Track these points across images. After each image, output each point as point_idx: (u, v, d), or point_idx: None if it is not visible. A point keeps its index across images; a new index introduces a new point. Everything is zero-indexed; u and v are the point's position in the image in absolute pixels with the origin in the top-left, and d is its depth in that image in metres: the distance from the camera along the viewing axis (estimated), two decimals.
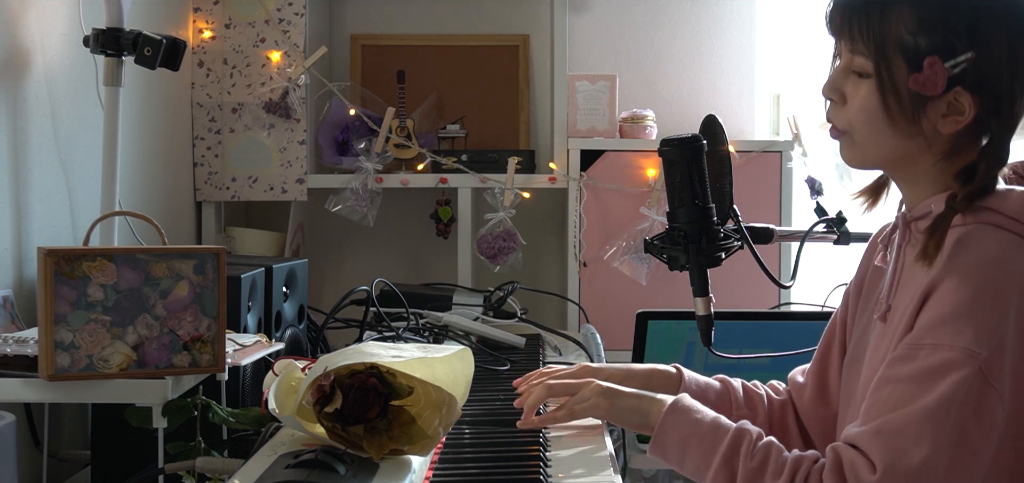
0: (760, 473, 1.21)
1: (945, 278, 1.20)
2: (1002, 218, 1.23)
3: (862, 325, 1.41)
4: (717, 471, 1.24)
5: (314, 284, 2.73)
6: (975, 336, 1.15)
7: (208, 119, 2.65)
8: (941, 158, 1.28)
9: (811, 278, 2.57)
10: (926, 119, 1.25)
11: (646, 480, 2.27)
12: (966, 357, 1.15)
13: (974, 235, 1.23)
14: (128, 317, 1.37)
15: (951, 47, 1.23)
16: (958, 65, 1.22)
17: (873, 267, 1.42)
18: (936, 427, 1.13)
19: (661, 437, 1.32)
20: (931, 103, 1.24)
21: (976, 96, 1.23)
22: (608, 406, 1.42)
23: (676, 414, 1.32)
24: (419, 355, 1.26)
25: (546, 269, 3.02)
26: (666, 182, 1.58)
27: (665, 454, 1.32)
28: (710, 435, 1.27)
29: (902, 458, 1.13)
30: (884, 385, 1.20)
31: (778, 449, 1.23)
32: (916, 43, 1.24)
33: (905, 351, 1.20)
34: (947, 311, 1.18)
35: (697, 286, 1.58)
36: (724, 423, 1.29)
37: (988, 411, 1.15)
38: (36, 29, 1.81)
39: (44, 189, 1.83)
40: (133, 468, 1.54)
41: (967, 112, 1.24)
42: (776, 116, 3.03)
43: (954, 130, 1.25)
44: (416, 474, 1.23)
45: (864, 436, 1.17)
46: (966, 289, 1.18)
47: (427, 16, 3.03)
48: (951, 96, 1.24)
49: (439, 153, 2.76)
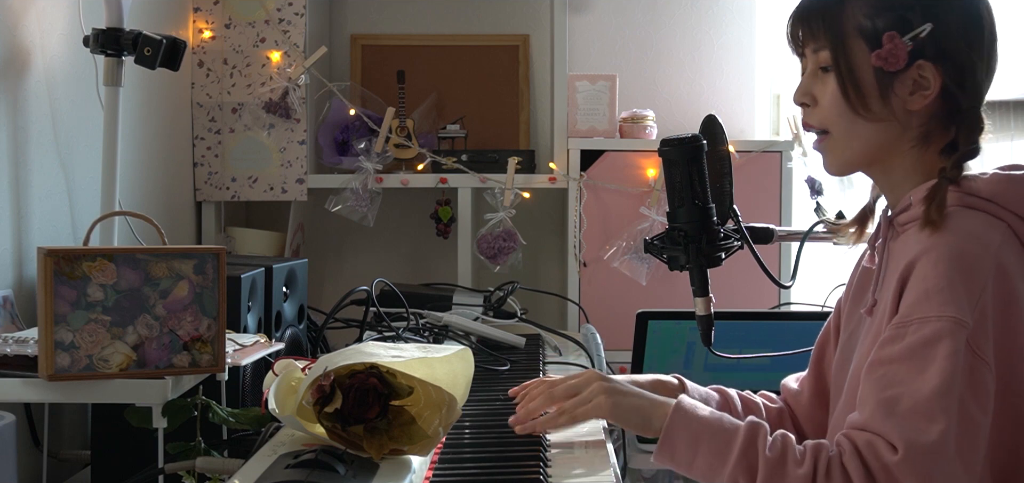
0: (781, 464, 1.20)
1: (922, 256, 1.23)
2: (975, 199, 1.27)
3: (851, 325, 1.42)
4: (735, 465, 1.22)
5: (314, 284, 2.73)
6: (959, 306, 1.18)
7: (208, 119, 2.65)
8: (917, 143, 1.31)
9: (811, 278, 2.58)
10: (895, 96, 1.29)
11: (646, 480, 2.26)
12: (954, 325, 1.17)
13: (949, 215, 1.25)
14: (128, 317, 1.37)
15: (908, 22, 1.28)
16: (916, 35, 1.27)
17: (862, 269, 1.44)
18: (946, 403, 1.15)
19: (670, 438, 1.29)
20: (897, 80, 1.28)
21: (939, 66, 1.28)
22: (611, 405, 1.38)
23: (683, 414, 1.30)
24: (419, 355, 1.26)
25: (546, 269, 3.02)
26: (666, 182, 1.58)
27: (674, 455, 1.29)
28: (722, 432, 1.26)
29: (921, 436, 1.14)
30: (877, 367, 1.21)
31: (792, 439, 1.24)
32: (874, 24, 1.29)
33: (893, 331, 1.22)
34: (930, 286, 1.20)
35: (697, 286, 1.58)
36: (732, 419, 1.29)
37: (981, 382, 1.18)
38: (36, 29, 1.81)
39: (44, 189, 1.83)
40: (133, 468, 1.54)
41: (932, 84, 1.28)
42: (776, 116, 3.03)
43: (923, 105, 1.29)
44: (416, 474, 1.23)
45: (875, 419, 1.18)
46: (944, 263, 1.20)
47: (427, 16, 3.03)
48: (915, 71, 1.28)
49: (439, 153, 2.76)
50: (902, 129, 1.30)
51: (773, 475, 1.20)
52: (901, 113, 1.29)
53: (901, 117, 1.30)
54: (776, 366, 1.80)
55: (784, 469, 1.20)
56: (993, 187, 1.27)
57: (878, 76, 1.29)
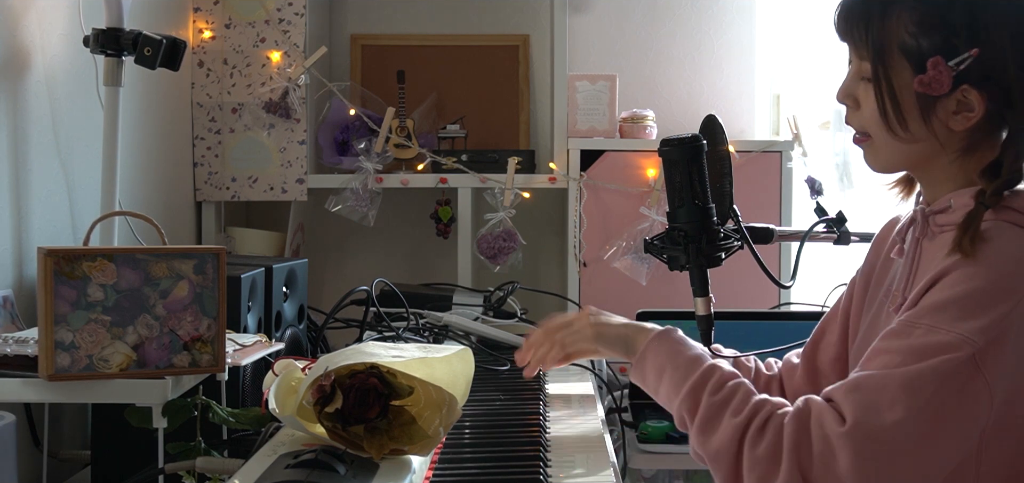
0: (721, 408, 1.22)
1: (958, 266, 1.20)
2: (1017, 215, 1.23)
3: (871, 316, 1.41)
4: (682, 399, 1.27)
5: (314, 284, 2.73)
6: (974, 326, 1.15)
7: (208, 119, 2.65)
8: (959, 156, 1.28)
9: (811, 278, 2.57)
10: (936, 118, 1.25)
11: (646, 480, 2.26)
12: (960, 342, 1.14)
13: (992, 230, 1.22)
14: (128, 317, 1.37)
15: (953, 46, 1.23)
16: (962, 62, 1.23)
17: (886, 258, 1.42)
18: (913, 396, 1.13)
19: (641, 362, 1.36)
20: (940, 103, 1.25)
21: (983, 91, 1.24)
22: (594, 334, 1.47)
23: (661, 341, 1.36)
24: (419, 355, 1.26)
25: (546, 269, 3.02)
26: (666, 182, 1.57)
27: (644, 379, 1.36)
28: (685, 366, 1.30)
29: (874, 416, 1.13)
30: (875, 355, 1.20)
31: (746, 390, 1.24)
32: (918, 45, 1.24)
33: (901, 327, 1.20)
34: (951, 298, 1.17)
35: (697, 286, 1.58)
36: (703, 359, 1.31)
37: (971, 398, 1.14)
38: (36, 29, 1.81)
39: (44, 189, 1.83)
40: (133, 468, 1.54)
41: (977, 108, 1.24)
42: (776, 116, 3.03)
43: (966, 127, 1.26)
44: (416, 474, 1.23)
45: (839, 390, 1.17)
46: (976, 282, 1.17)
47: (427, 16, 3.03)
48: (959, 94, 1.24)
49: (439, 153, 2.76)
50: (942, 147, 1.27)
51: (711, 417, 1.23)
52: (942, 132, 1.26)
53: (942, 135, 1.26)
54: None
55: (721, 414, 1.22)
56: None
57: (920, 98, 1.25)
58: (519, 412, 1.56)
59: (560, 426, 1.56)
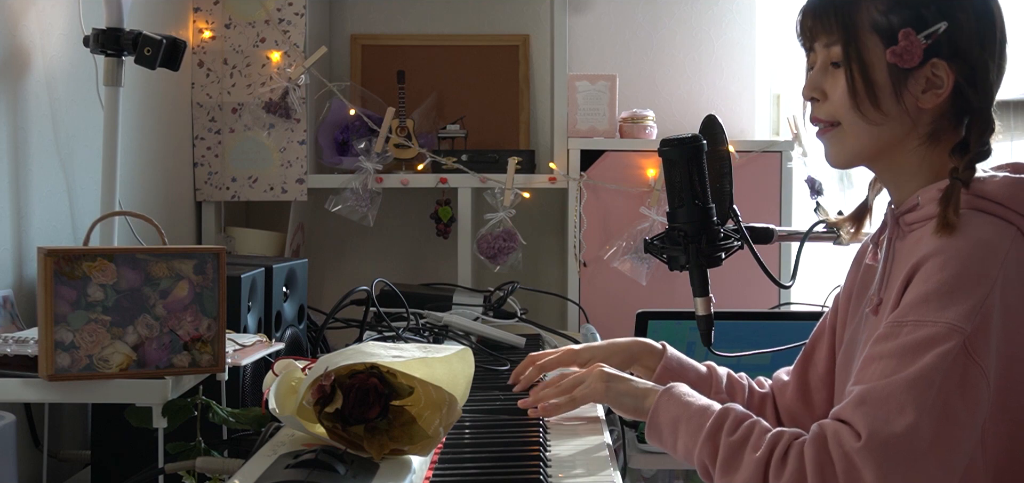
0: (740, 447, 1.23)
1: (930, 258, 1.22)
2: (986, 203, 1.26)
3: (854, 325, 1.42)
4: (701, 447, 1.27)
5: (314, 284, 2.73)
6: (958, 313, 1.17)
7: (208, 119, 2.65)
8: (925, 140, 1.31)
9: (811, 278, 2.58)
10: (908, 93, 1.29)
11: (646, 480, 2.26)
12: (949, 331, 1.16)
13: (961, 218, 1.25)
14: (128, 317, 1.37)
15: (923, 19, 1.28)
16: (932, 34, 1.27)
17: (865, 266, 1.44)
18: (920, 396, 1.14)
19: (655, 420, 1.37)
20: (911, 77, 1.28)
21: (952, 65, 1.28)
22: (604, 390, 1.47)
23: (669, 398, 1.37)
24: (419, 355, 1.26)
25: (546, 269, 3.02)
26: (666, 182, 1.58)
27: (661, 437, 1.37)
28: (698, 415, 1.31)
29: (886, 425, 1.13)
30: (869, 363, 1.21)
31: (762, 427, 1.25)
32: (888, 21, 1.28)
33: (888, 329, 1.21)
34: (931, 289, 1.19)
35: (697, 286, 1.58)
36: (711, 404, 1.32)
37: (972, 385, 1.16)
38: (36, 29, 1.81)
39: (44, 189, 1.83)
40: (133, 468, 1.54)
41: (946, 83, 1.28)
42: (776, 116, 3.03)
43: (935, 104, 1.29)
44: (416, 474, 1.23)
45: (847, 408, 1.18)
46: (950, 268, 1.20)
47: (427, 16, 3.03)
48: (928, 69, 1.28)
49: (439, 153, 2.76)
50: (912, 126, 1.30)
51: (732, 457, 1.24)
52: (912, 110, 1.29)
53: (912, 114, 1.29)
54: (776, 365, 1.79)
55: (742, 453, 1.23)
56: (1004, 190, 1.26)
57: (892, 73, 1.28)
58: (519, 412, 1.56)
59: (560, 426, 1.56)
